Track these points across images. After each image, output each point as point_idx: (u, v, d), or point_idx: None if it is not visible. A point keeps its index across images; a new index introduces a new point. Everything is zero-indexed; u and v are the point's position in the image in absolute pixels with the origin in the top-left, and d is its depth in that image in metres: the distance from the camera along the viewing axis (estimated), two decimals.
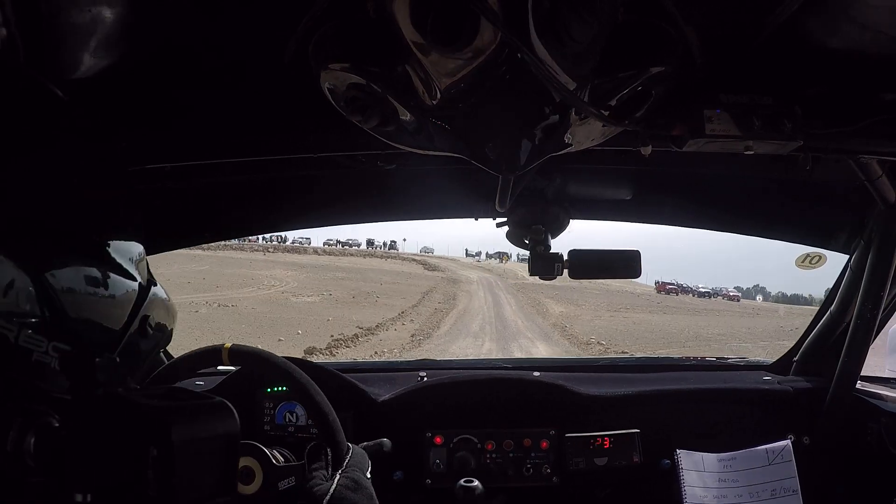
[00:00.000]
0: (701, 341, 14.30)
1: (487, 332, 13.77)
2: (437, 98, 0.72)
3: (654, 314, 20.84)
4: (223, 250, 28.97)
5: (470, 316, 16.98)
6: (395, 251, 45.54)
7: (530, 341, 12.66)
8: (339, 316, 15.04)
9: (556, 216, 1.30)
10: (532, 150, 0.80)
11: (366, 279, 24.86)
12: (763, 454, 1.37)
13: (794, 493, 1.32)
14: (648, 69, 0.75)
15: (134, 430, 0.65)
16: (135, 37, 0.76)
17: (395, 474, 1.38)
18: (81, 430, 0.63)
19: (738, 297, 34.22)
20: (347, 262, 32.01)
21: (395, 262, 37.98)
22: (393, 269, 32.11)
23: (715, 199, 1.44)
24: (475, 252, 60.05)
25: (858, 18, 0.73)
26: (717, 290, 33.70)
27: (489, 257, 53.52)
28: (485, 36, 0.63)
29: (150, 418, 0.66)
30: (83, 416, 0.65)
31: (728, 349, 12.39)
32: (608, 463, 1.39)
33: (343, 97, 0.77)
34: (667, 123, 0.86)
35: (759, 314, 23.97)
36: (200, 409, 0.77)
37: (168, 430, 0.65)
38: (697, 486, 1.35)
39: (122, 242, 0.79)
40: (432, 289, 23.97)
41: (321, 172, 1.24)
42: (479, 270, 36.79)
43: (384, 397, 1.44)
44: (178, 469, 0.66)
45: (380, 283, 23.70)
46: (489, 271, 36.71)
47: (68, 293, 0.67)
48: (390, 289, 22.66)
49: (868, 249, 1.31)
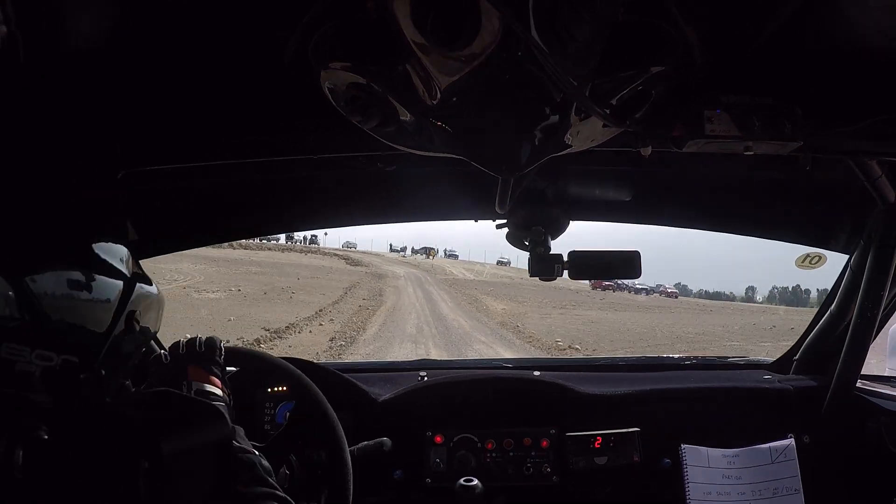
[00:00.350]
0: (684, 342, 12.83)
1: (428, 335, 11.40)
2: (437, 98, 0.72)
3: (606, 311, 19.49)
4: None
5: (402, 315, 14.53)
6: (316, 245, 43.06)
7: (487, 346, 10.63)
8: (244, 315, 12.22)
9: (556, 217, 1.30)
10: (532, 151, 0.80)
11: (282, 273, 22.24)
12: (767, 452, 1.37)
13: (796, 492, 1.32)
14: (648, 69, 0.75)
15: (124, 443, 0.64)
16: (135, 37, 0.76)
17: (395, 473, 1.38)
18: (70, 444, 0.62)
19: (676, 293, 33.40)
20: (264, 255, 29.45)
21: (316, 256, 35.57)
22: (313, 264, 29.62)
23: (715, 200, 1.44)
24: (400, 247, 57.69)
25: (858, 19, 0.73)
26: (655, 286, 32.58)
27: (415, 252, 51.60)
28: (485, 36, 0.63)
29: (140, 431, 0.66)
30: (71, 429, 0.63)
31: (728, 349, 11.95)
32: (608, 462, 1.39)
33: (343, 97, 0.77)
34: (667, 124, 0.86)
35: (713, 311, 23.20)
36: (191, 417, 0.77)
37: (159, 443, 0.65)
38: (701, 481, 1.35)
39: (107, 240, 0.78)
40: (355, 284, 21.59)
41: (321, 174, 1.24)
42: (405, 266, 35.00)
43: (384, 397, 1.44)
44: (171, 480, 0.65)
45: (297, 278, 21.12)
46: (416, 267, 34.95)
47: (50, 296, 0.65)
48: (308, 284, 20.11)
49: (868, 249, 1.30)
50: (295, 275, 22.55)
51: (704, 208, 1.48)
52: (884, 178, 1.12)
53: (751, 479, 1.35)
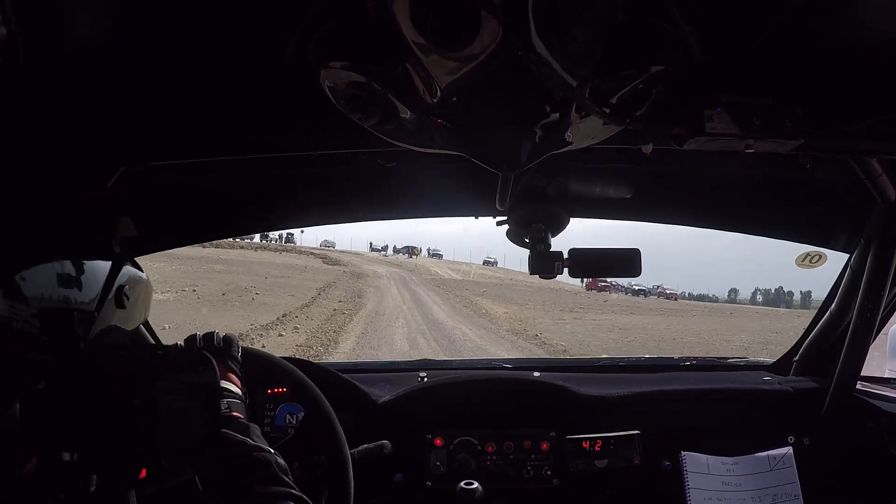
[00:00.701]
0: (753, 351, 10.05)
1: (426, 350, 9.15)
2: (437, 96, 0.72)
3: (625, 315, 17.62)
4: None
5: (387, 321, 12.01)
6: (292, 244, 41.93)
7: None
8: (187, 322, 9.57)
9: (557, 215, 1.30)
10: (532, 148, 0.80)
11: (249, 272, 20.43)
12: (765, 460, 1.37)
13: (795, 497, 1.33)
14: (649, 68, 0.75)
15: (117, 384, 0.67)
16: (134, 37, 0.76)
17: (395, 476, 1.38)
18: (65, 389, 0.65)
19: (676, 295, 31.45)
20: (235, 254, 27.92)
21: (291, 255, 34.22)
22: (286, 263, 28.07)
23: (715, 198, 1.44)
24: (381, 246, 56.50)
25: (858, 18, 0.73)
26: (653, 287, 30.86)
27: (397, 252, 50.39)
28: (485, 36, 0.63)
29: (133, 371, 0.69)
30: (66, 373, 0.66)
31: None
32: (608, 464, 1.38)
33: (343, 95, 0.77)
34: (667, 122, 0.86)
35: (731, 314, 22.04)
36: (181, 361, 0.81)
37: (151, 381, 0.68)
38: (701, 488, 1.35)
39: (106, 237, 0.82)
40: (331, 284, 19.32)
41: (321, 170, 1.24)
42: (387, 265, 33.71)
43: (385, 398, 1.43)
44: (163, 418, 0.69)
45: (264, 278, 19.22)
46: (398, 266, 33.69)
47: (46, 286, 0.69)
48: (276, 283, 18.15)
49: (868, 249, 1.30)
50: (263, 274, 20.65)
51: (705, 206, 1.48)
52: (884, 176, 1.12)
53: (750, 486, 1.35)
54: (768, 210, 1.47)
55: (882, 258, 1.27)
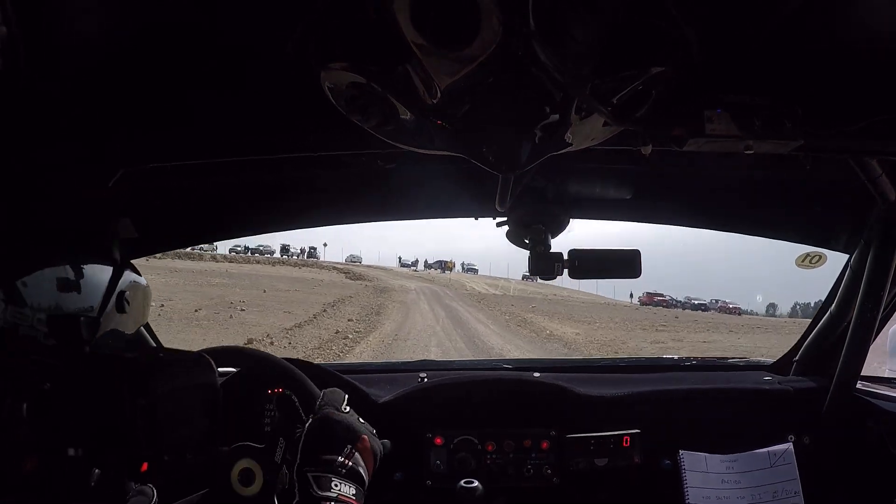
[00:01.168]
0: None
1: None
2: (437, 97, 0.72)
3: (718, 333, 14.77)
4: None
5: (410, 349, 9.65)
6: (315, 259, 40.24)
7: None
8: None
9: (556, 216, 1.30)
10: (532, 149, 0.80)
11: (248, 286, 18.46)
12: (765, 456, 1.37)
13: (795, 494, 1.32)
14: (649, 69, 0.75)
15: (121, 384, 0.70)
16: (134, 37, 0.76)
17: (395, 475, 1.38)
18: (71, 387, 0.68)
19: (739, 309, 29.29)
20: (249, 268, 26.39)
21: (312, 270, 32.40)
22: (301, 277, 26.20)
23: (715, 199, 1.44)
24: (410, 262, 54.24)
25: (858, 19, 0.73)
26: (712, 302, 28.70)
27: (428, 267, 48.91)
28: (485, 37, 0.63)
29: (136, 372, 0.72)
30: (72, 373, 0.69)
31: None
32: (609, 463, 1.38)
33: (343, 96, 0.77)
34: (667, 123, 0.86)
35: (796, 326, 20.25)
36: (181, 362, 0.85)
37: (153, 381, 0.72)
38: (700, 486, 1.35)
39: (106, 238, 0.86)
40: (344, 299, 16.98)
41: (321, 171, 1.24)
42: (417, 280, 32.07)
43: (385, 398, 1.43)
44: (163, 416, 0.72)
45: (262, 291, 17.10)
46: (430, 281, 31.99)
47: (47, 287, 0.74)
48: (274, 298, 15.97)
49: (868, 249, 1.30)
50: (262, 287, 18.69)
51: (705, 207, 1.48)
52: (884, 176, 1.12)
53: (750, 483, 1.35)
54: (768, 211, 1.47)
55: (882, 258, 1.27)
